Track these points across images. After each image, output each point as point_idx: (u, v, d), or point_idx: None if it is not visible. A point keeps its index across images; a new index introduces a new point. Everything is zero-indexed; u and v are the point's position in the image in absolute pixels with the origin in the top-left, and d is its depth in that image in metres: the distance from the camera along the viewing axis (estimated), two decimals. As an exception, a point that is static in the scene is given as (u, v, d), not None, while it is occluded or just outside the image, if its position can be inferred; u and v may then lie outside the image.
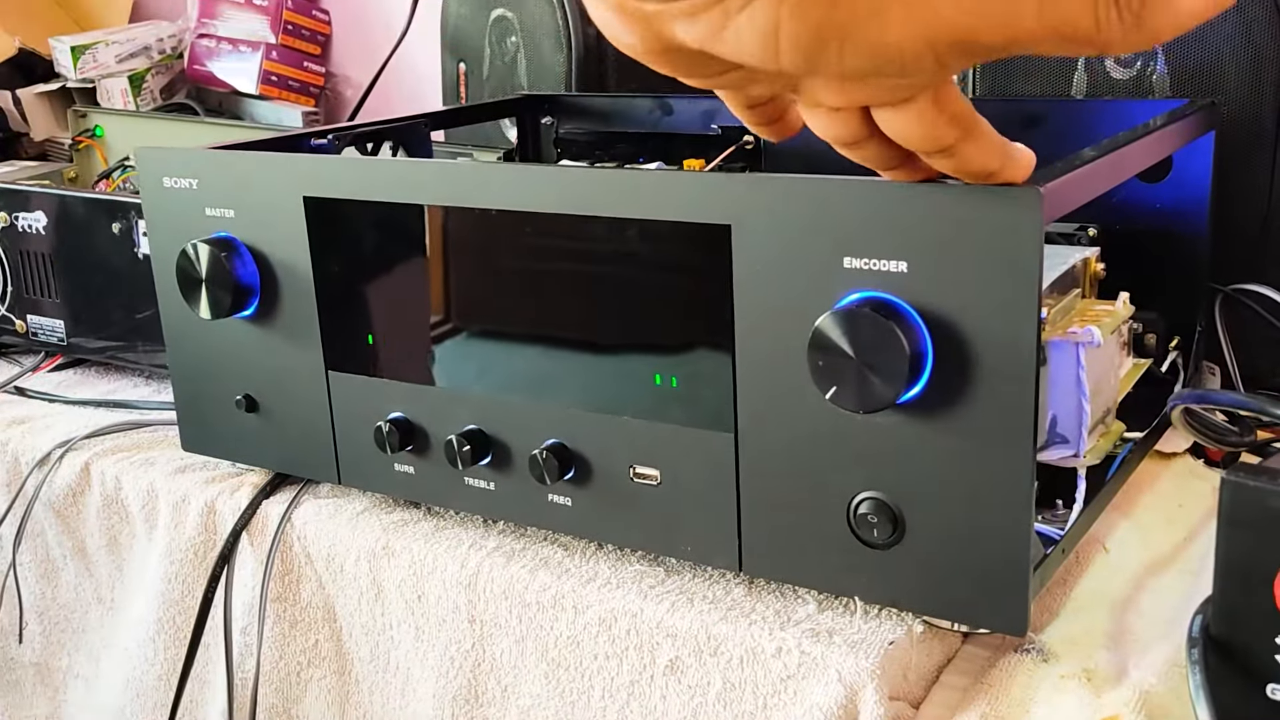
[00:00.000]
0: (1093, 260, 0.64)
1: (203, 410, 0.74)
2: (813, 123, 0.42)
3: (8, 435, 0.85)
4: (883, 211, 0.49)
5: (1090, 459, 0.59)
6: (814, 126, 0.42)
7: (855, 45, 0.34)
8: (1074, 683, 0.52)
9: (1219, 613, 0.45)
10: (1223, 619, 0.45)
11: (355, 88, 1.49)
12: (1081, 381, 0.58)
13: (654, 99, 0.90)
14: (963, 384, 0.49)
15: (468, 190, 0.60)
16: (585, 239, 0.58)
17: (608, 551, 0.63)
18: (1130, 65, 0.77)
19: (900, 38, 0.33)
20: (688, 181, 0.55)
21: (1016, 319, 0.48)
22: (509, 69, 1.08)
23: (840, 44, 0.34)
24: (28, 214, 0.93)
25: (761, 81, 0.39)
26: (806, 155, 0.84)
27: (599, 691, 0.60)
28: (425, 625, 0.66)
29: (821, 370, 0.51)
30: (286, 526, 0.70)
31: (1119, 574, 0.60)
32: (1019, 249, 0.47)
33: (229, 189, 0.68)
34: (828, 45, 0.34)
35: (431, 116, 0.87)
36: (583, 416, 0.60)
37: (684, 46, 0.35)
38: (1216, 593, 0.45)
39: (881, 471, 0.52)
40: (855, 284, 0.51)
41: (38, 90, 1.47)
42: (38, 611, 0.88)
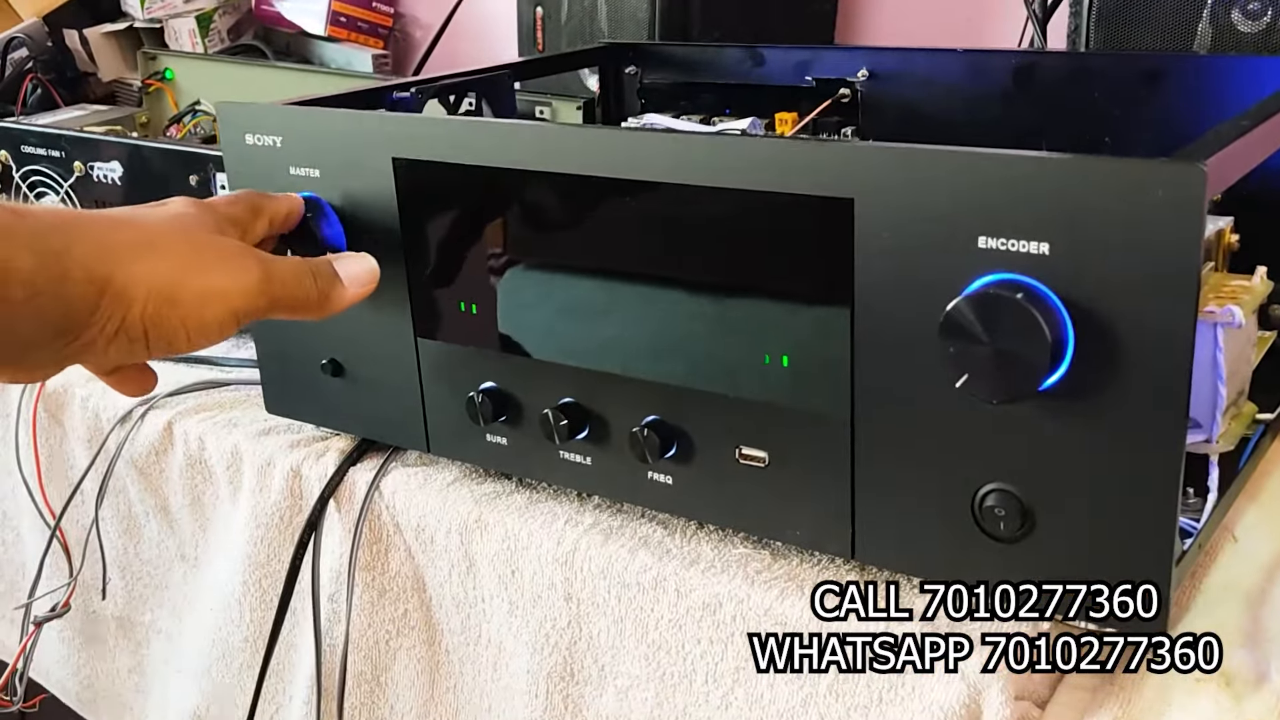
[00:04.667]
0: (1227, 231, 0.60)
1: (287, 374, 0.72)
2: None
3: (88, 391, 0.84)
4: (1024, 187, 0.45)
5: (1224, 444, 0.55)
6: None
7: (197, 331, 0.49)
8: (1211, 686, 0.49)
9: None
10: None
11: (425, 29, 1.44)
12: (1219, 364, 0.54)
13: (745, 49, 0.86)
14: (1107, 374, 0.46)
15: (570, 156, 0.57)
16: (694, 209, 0.54)
17: (709, 532, 0.60)
18: (1259, 18, 0.71)
19: (216, 316, 0.50)
20: (807, 151, 0.51)
21: (1172, 307, 0.44)
22: (588, 14, 1.04)
23: (187, 334, 0.49)
24: (103, 164, 0.90)
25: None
26: (908, 109, 0.80)
27: (702, 677, 0.58)
28: (519, 600, 0.63)
29: (953, 357, 0.47)
30: (375, 495, 0.68)
31: (1250, 564, 0.56)
32: (1178, 230, 0.43)
33: (314, 148, 0.65)
34: (177, 336, 0.49)
35: (514, 68, 0.83)
36: (686, 394, 0.57)
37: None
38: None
39: (1011, 462, 0.49)
40: (989, 265, 0.47)
41: (105, 30, 1.44)
42: (120, 567, 0.87)
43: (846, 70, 0.81)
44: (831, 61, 0.82)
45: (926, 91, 0.79)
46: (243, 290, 0.50)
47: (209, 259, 0.50)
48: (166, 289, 0.47)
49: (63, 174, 0.92)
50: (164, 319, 0.47)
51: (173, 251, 0.49)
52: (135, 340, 0.47)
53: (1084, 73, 0.73)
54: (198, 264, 0.49)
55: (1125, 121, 0.71)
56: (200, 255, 0.50)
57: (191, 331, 0.49)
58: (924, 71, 0.79)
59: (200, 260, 0.49)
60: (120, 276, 0.46)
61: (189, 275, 0.48)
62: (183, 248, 0.49)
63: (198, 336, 0.50)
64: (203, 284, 0.49)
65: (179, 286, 0.48)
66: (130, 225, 0.49)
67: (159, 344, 0.48)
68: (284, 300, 0.53)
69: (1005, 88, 0.76)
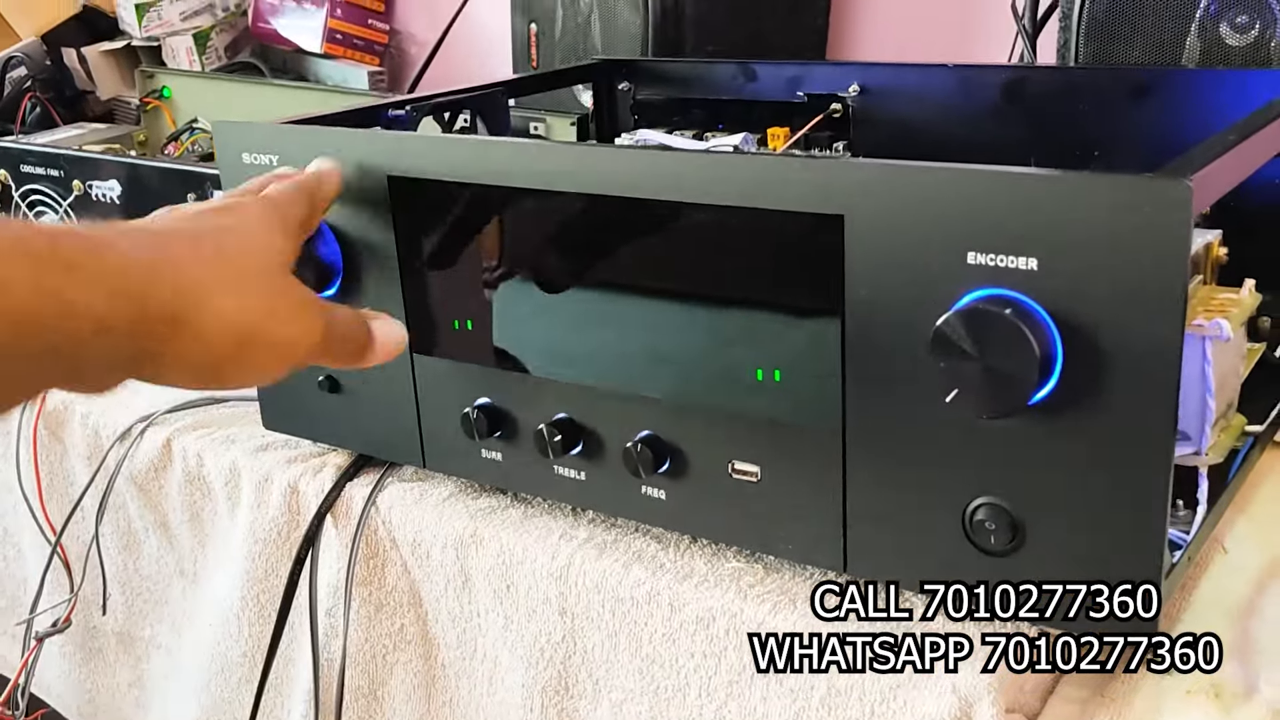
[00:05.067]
0: (1215, 244, 0.60)
1: (284, 389, 0.72)
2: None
3: (88, 409, 0.84)
4: (1013, 204, 0.46)
5: (1213, 457, 0.55)
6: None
7: (258, 376, 0.49)
8: (1201, 698, 0.49)
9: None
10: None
11: (420, 45, 1.45)
12: (1207, 376, 0.54)
13: (737, 64, 0.86)
14: (1095, 388, 0.46)
15: (560, 174, 0.57)
16: (687, 225, 0.54)
17: (703, 546, 0.60)
18: (1246, 31, 0.72)
19: (279, 365, 0.49)
20: (798, 168, 0.51)
21: (1160, 320, 0.44)
22: (582, 30, 1.04)
23: (250, 377, 0.49)
24: (101, 182, 0.91)
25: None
26: (898, 123, 0.81)
27: (695, 690, 0.58)
28: (514, 615, 0.63)
29: (943, 372, 0.47)
30: (371, 510, 0.68)
31: (1239, 576, 0.57)
32: (1165, 246, 0.43)
33: (310, 167, 0.65)
34: (240, 377, 0.49)
35: (508, 85, 0.83)
36: (679, 409, 0.57)
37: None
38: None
39: (1001, 477, 0.49)
40: (979, 281, 0.47)
41: (103, 48, 1.45)
42: (120, 582, 0.87)
43: (838, 85, 0.81)
44: (823, 77, 0.82)
45: (918, 106, 0.79)
46: (308, 345, 0.50)
47: (284, 310, 0.49)
48: (241, 334, 0.47)
49: (62, 193, 0.92)
50: (232, 361, 0.47)
51: (253, 295, 0.48)
52: (201, 373, 0.47)
53: (1073, 87, 0.73)
54: (273, 314, 0.48)
55: (1114, 135, 0.71)
56: (276, 304, 0.49)
57: (253, 376, 0.49)
58: (915, 86, 0.79)
59: (275, 310, 0.48)
60: (198, 318, 0.45)
61: (264, 324, 0.48)
62: (263, 293, 0.48)
63: (256, 379, 0.49)
64: (276, 335, 0.48)
65: (253, 334, 0.47)
66: (215, 261, 0.47)
67: (221, 380, 0.48)
68: (332, 354, 0.52)
69: (995, 102, 0.76)
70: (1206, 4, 0.71)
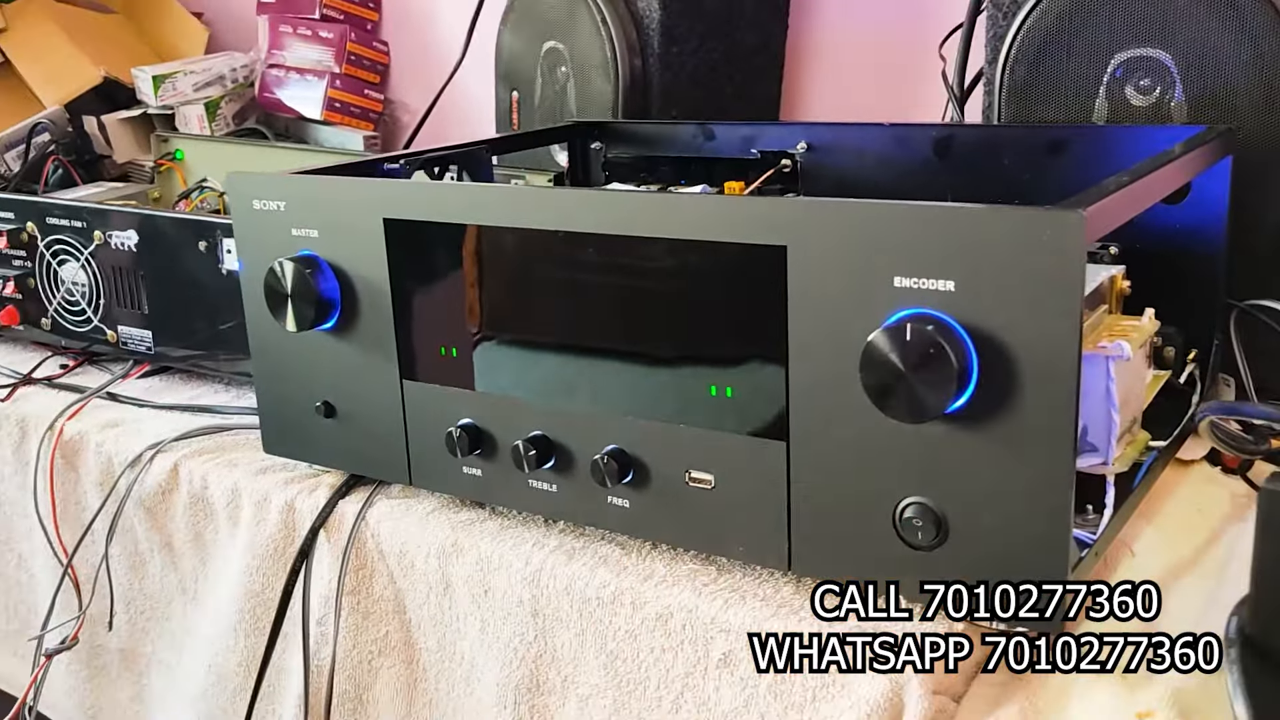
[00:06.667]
0: (1119, 278, 0.63)
1: (284, 415, 0.74)
2: None
3: (102, 437, 0.86)
4: (931, 234, 0.49)
5: (1118, 466, 0.58)
6: None
7: None
8: (1109, 679, 0.51)
9: (1255, 615, 0.44)
10: (1259, 621, 0.44)
11: (412, 113, 1.49)
12: (1111, 393, 0.57)
13: (697, 125, 0.90)
14: (1006, 396, 0.49)
15: (537, 213, 0.60)
16: (647, 259, 0.57)
17: (662, 550, 0.62)
18: (1149, 93, 0.76)
19: None
20: (746, 206, 0.54)
21: (1059, 335, 0.47)
22: (559, 97, 1.08)
23: None
24: (120, 233, 0.93)
25: None
26: (841, 176, 0.84)
27: (655, 683, 0.59)
28: (491, 618, 0.65)
29: (873, 384, 0.50)
30: (361, 524, 0.70)
31: (1143, 574, 0.59)
32: (1063, 269, 0.46)
33: (313, 211, 0.68)
34: None
35: (492, 143, 0.87)
36: (642, 424, 0.59)
37: None
38: (1253, 596, 0.44)
39: (926, 478, 0.52)
40: (905, 302, 0.50)
41: (121, 116, 1.48)
42: (125, 601, 0.88)
43: (788, 143, 0.85)
44: (775, 136, 0.86)
45: (858, 160, 0.83)
46: None
47: None
48: None
49: (83, 242, 0.95)
50: None
51: None
52: None
53: (997, 142, 0.77)
54: None
55: (1033, 184, 0.75)
56: None
57: None
58: (856, 143, 0.83)
59: None
60: None
61: None
62: None
63: None
64: None
65: None
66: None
67: None
68: None
69: (927, 157, 0.80)
70: (1113, 69, 0.75)
